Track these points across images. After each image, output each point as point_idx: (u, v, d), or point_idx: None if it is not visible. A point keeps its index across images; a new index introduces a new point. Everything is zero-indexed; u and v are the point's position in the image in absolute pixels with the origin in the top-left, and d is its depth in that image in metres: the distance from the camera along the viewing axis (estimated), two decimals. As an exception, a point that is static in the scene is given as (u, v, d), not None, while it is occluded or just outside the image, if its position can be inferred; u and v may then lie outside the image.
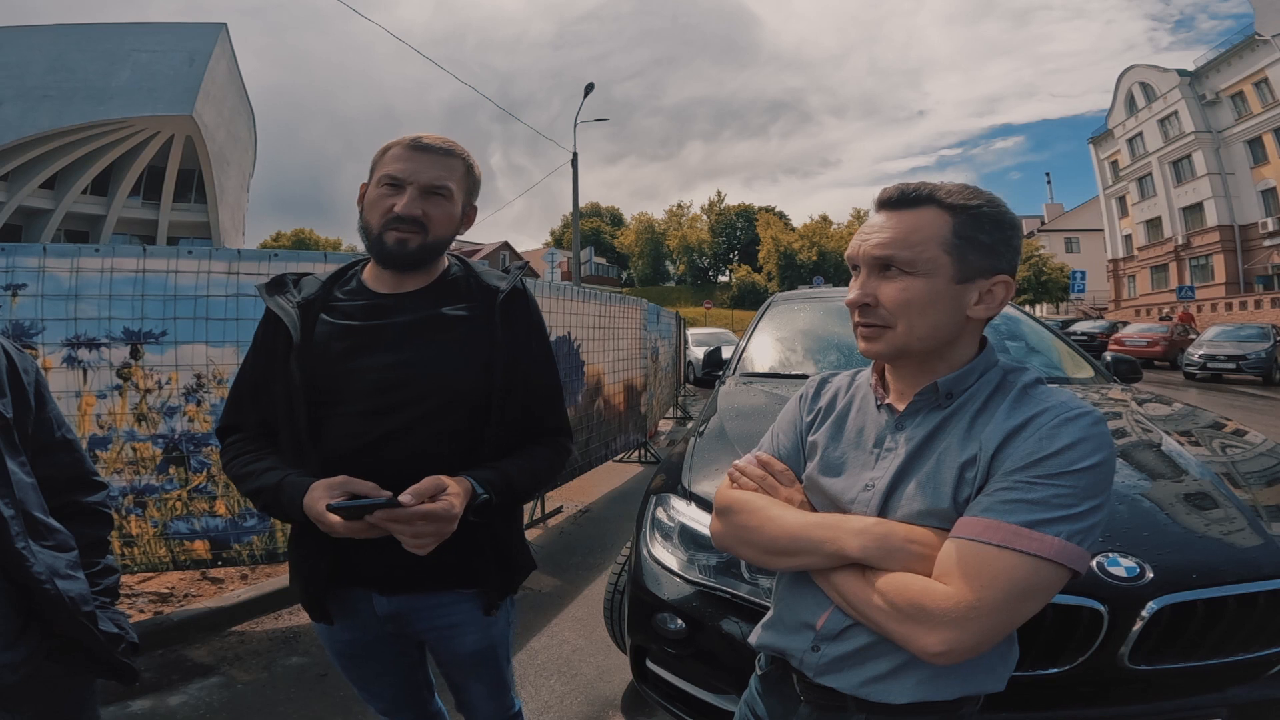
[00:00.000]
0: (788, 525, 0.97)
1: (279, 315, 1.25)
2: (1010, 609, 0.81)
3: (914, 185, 0.95)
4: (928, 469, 0.92)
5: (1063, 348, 3.41)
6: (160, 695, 2.57)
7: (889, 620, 0.85)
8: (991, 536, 0.82)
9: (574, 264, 19.82)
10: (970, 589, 0.81)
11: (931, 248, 0.92)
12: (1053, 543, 0.81)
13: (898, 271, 0.93)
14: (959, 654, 0.81)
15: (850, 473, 1.00)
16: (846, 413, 1.07)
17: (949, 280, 0.93)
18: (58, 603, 1.06)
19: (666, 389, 9.13)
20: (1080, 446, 0.85)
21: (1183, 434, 2.32)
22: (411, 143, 1.24)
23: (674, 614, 1.82)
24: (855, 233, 1.01)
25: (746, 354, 3.39)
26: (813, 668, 0.97)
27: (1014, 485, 0.85)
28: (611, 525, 4.87)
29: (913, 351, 0.96)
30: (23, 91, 23.18)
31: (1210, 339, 16.55)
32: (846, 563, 0.91)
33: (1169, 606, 1.43)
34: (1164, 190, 34.69)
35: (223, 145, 28.94)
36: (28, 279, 2.67)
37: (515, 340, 1.29)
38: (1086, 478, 0.84)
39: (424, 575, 1.25)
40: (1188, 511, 1.70)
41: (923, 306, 0.93)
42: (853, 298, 0.97)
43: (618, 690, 2.65)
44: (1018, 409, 0.91)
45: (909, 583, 0.85)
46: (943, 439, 0.94)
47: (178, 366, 2.85)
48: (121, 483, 2.83)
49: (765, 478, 1.07)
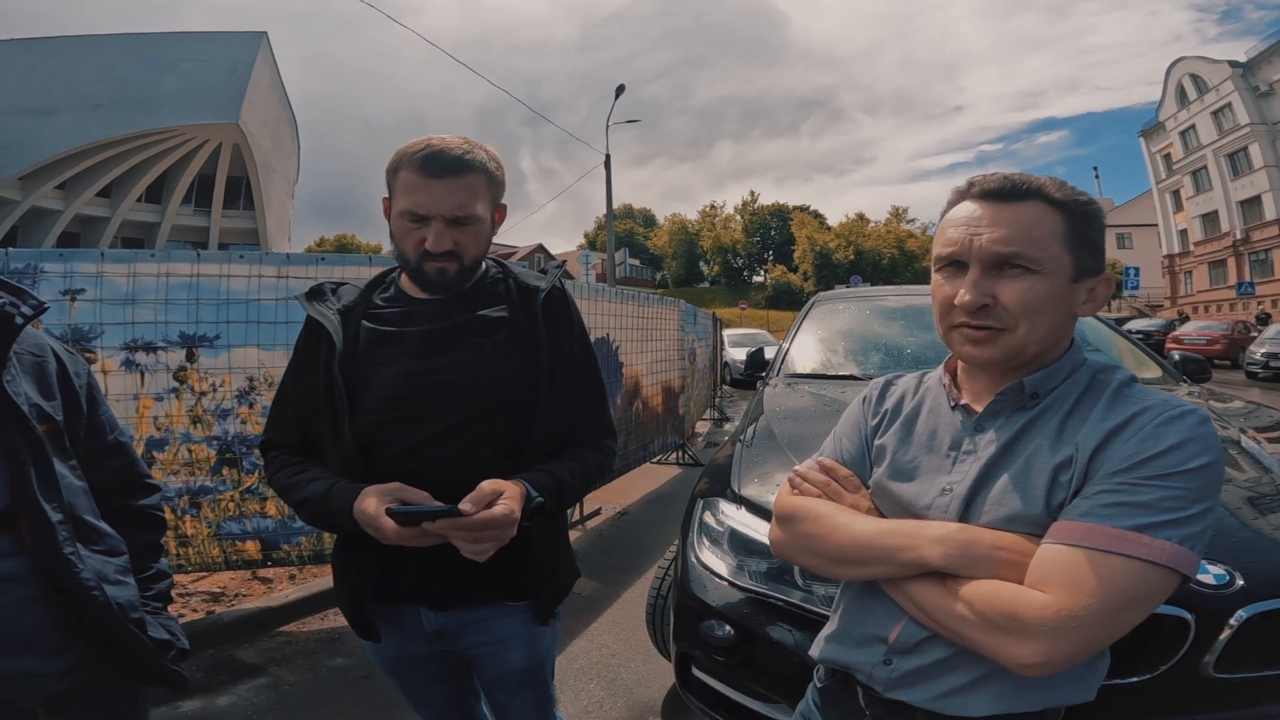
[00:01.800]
0: (857, 533, 0.92)
1: (321, 322, 1.25)
2: (1114, 618, 0.75)
3: (1018, 177, 0.90)
4: (1015, 472, 0.87)
5: (1125, 345, 3.28)
6: (210, 696, 2.62)
7: (976, 631, 0.79)
8: (1096, 541, 0.76)
9: (609, 265, 19.88)
10: (1071, 597, 0.75)
11: (1054, 245, 0.87)
12: (1164, 547, 0.75)
13: (1020, 270, 0.86)
14: (1055, 665, 0.76)
15: (924, 478, 0.94)
16: (916, 415, 1.01)
17: (1067, 279, 0.88)
18: (105, 610, 1.04)
19: (703, 390, 9.08)
20: (1188, 446, 0.79)
21: (1260, 431, 2.21)
22: (424, 162, 1.15)
23: (722, 620, 1.78)
24: (948, 225, 0.92)
25: (790, 354, 3.33)
26: (883, 682, 0.91)
27: (1117, 488, 0.79)
28: (650, 528, 4.84)
29: (1028, 356, 0.89)
30: (75, 101, 24.05)
31: (1272, 337, 15.83)
32: (924, 572, 0.85)
33: (1258, 615, 1.37)
34: (1220, 183, 33.44)
35: (268, 152, 29.75)
36: (86, 284, 2.74)
37: (557, 341, 1.27)
38: (1196, 479, 0.78)
39: (472, 589, 1.23)
40: (1274, 514, 1.61)
41: (1045, 308, 0.87)
42: (970, 298, 0.87)
43: (657, 696, 2.62)
44: (1115, 409, 0.85)
45: (999, 591, 0.79)
46: (1030, 441, 0.88)
47: (230, 369, 2.92)
48: (177, 484, 2.90)
49: (829, 483, 1.02)
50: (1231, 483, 1.75)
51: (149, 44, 25.92)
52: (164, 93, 25.08)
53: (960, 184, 0.96)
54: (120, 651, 1.09)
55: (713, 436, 8.84)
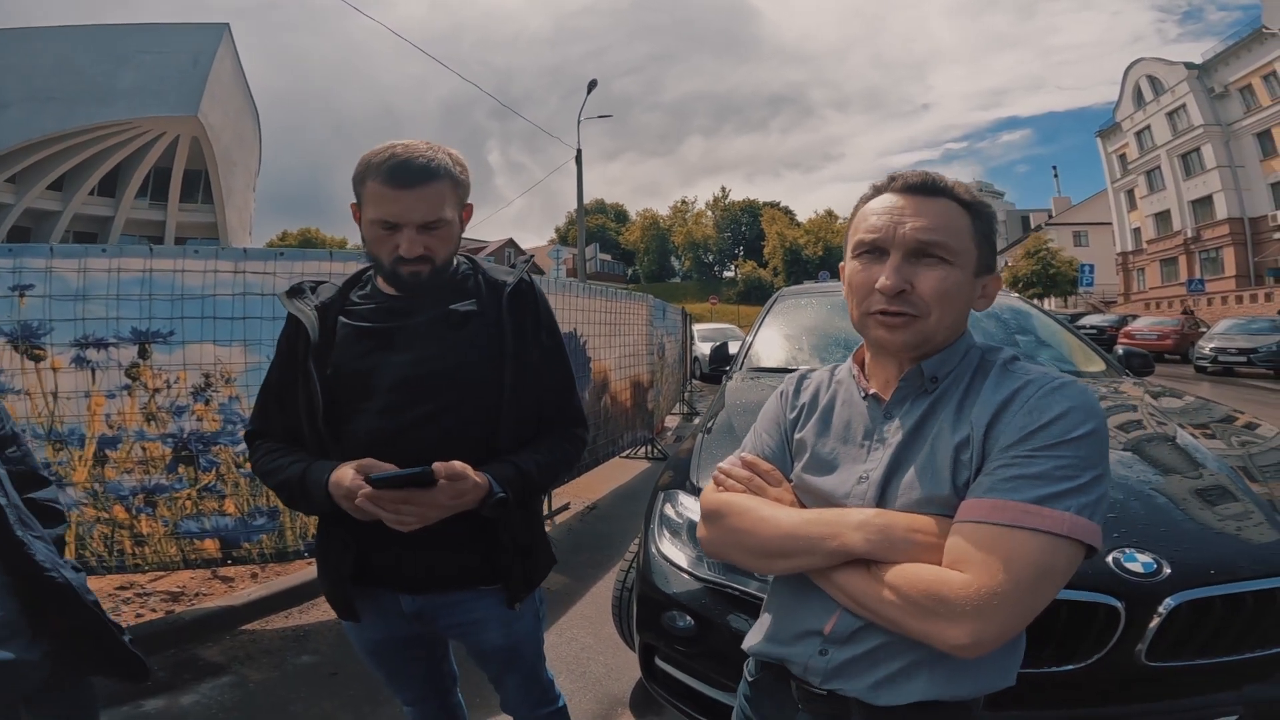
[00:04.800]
0: (782, 525, 0.94)
1: (298, 318, 1.29)
2: (1033, 592, 0.78)
3: (935, 175, 0.95)
4: (923, 456, 0.90)
5: (1073, 341, 3.38)
6: (173, 695, 2.58)
7: (906, 616, 0.81)
8: (1000, 517, 0.80)
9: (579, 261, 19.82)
10: (989, 574, 0.77)
11: (966, 239, 0.93)
12: (1064, 518, 0.78)
13: (937, 260, 0.91)
14: (987, 644, 0.77)
15: (842, 468, 0.97)
16: (831, 407, 1.04)
17: (972, 274, 0.94)
18: (65, 591, 1.03)
19: (673, 385, 9.11)
20: (1071, 415, 0.83)
21: (1197, 427, 2.30)
22: (390, 173, 1.18)
23: (683, 611, 1.81)
24: (870, 214, 0.96)
25: (754, 349, 3.37)
26: (820, 673, 0.93)
27: (1012, 461, 0.83)
28: (619, 522, 4.86)
29: (934, 343, 0.93)
30: (29, 94, 23.21)
31: (1221, 332, 16.41)
32: (849, 559, 0.87)
33: (1187, 603, 1.42)
34: (1173, 183, 34.47)
35: (228, 146, 29.00)
36: (35, 280, 2.67)
37: (524, 333, 1.32)
38: (1083, 446, 0.82)
39: (446, 574, 1.29)
40: (1205, 506, 1.68)
41: (954, 298, 0.91)
42: (890, 282, 0.90)
43: (626, 688, 2.65)
44: (1001, 385, 0.90)
45: (921, 574, 0.81)
46: (934, 424, 0.92)
47: (185, 366, 2.86)
48: (132, 482, 2.84)
49: (752, 478, 1.03)
50: (1165, 476, 1.81)
51: (106, 36, 25.06)
52: (121, 85, 24.29)
53: (879, 179, 1.00)
54: (87, 636, 1.08)
55: (682, 431, 8.87)
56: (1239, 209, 31.25)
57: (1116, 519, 1.58)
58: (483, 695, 2.05)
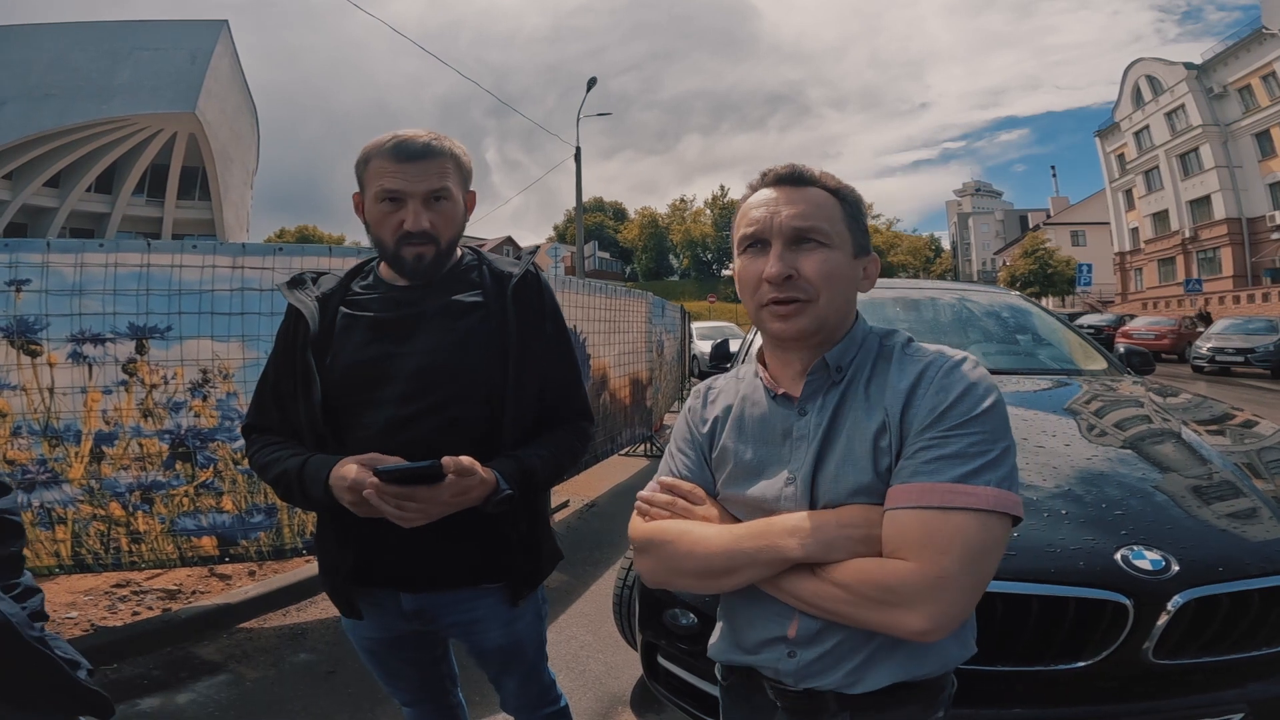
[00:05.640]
0: (716, 544, 0.92)
1: (298, 309, 1.28)
2: (977, 569, 0.80)
3: (802, 167, 0.98)
4: (842, 447, 0.91)
5: (1074, 339, 3.37)
6: (169, 693, 2.56)
7: (862, 611, 0.83)
8: (928, 500, 0.81)
9: (578, 258, 19.81)
10: (932, 559, 0.79)
11: (839, 223, 0.96)
12: (987, 493, 0.81)
13: (815, 244, 0.93)
14: (946, 627, 0.80)
15: (768, 471, 0.96)
16: (743, 413, 1.03)
17: (850, 255, 0.96)
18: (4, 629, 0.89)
19: (671, 383, 9.11)
20: (973, 392, 0.86)
21: (1201, 424, 2.29)
22: (394, 150, 1.20)
23: (685, 609, 1.80)
24: (749, 209, 0.98)
25: (755, 347, 3.35)
26: (792, 674, 0.93)
27: (929, 443, 0.85)
28: (618, 520, 4.85)
29: (828, 326, 0.95)
30: (26, 90, 23.16)
31: (1219, 332, 16.46)
32: (790, 565, 0.87)
33: (1194, 600, 1.41)
34: (1171, 183, 34.52)
35: (226, 143, 28.93)
36: (32, 274, 2.65)
37: (529, 325, 1.30)
38: (989, 420, 0.85)
39: (446, 571, 1.27)
40: (1211, 503, 1.67)
41: (838, 278, 0.94)
42: (775, 270, 0.92)
43: (626, 686, 2.64)
44: (904, 369, 0.92)
45: (868, 569, 0.83)
46: (848, 414, 0.93)
47: (183, 362, 2.84)
48: (128, 479, 2.82)
49: (674, 502, 1.02)
50: (1171, 474, 1.81)
51: (104, 33, 25.01)
52: (118, 82, 24.24)
53: (753, 178, 1.02)
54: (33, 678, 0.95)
55: (681, 430, 8.86)
56: (1237, 209, 31.32)
57: (1124, 516, 1.57)
58: (483, 694, 2.04)
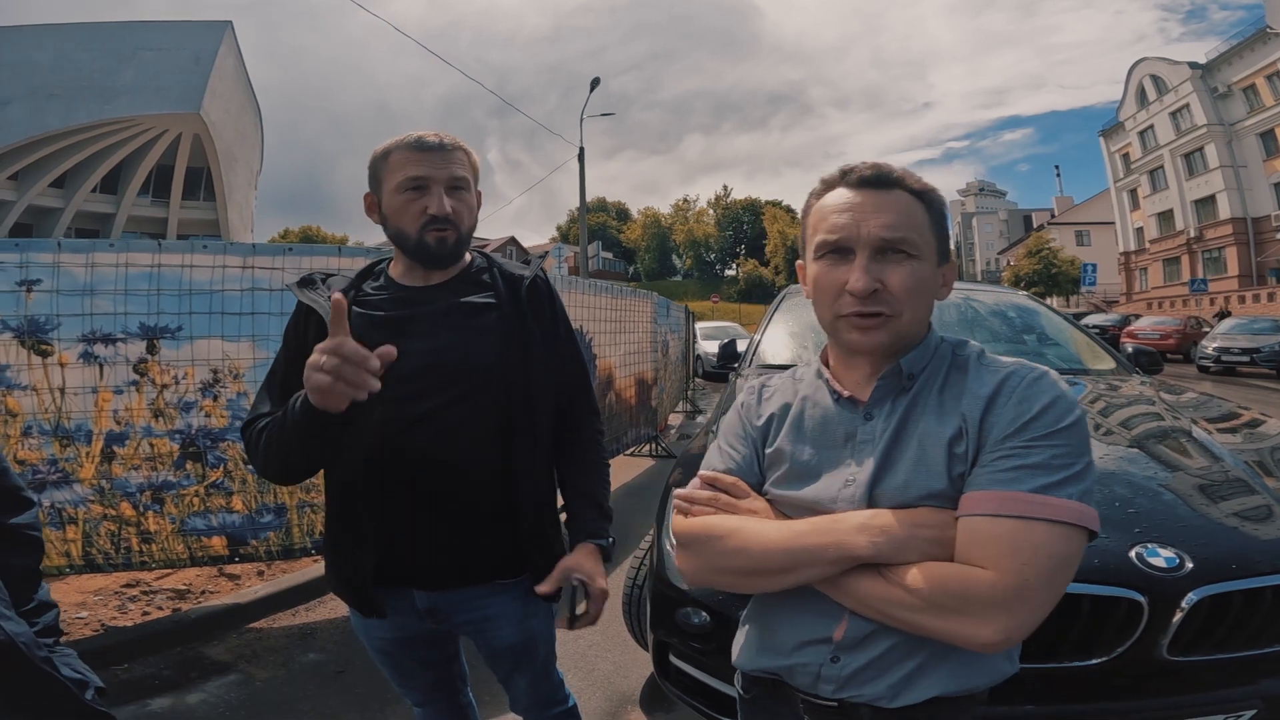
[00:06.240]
0: (773, 540, 0.89)
1: (312, 307, 1.27)
2: (1054, 582, 0.78)
3: (886, 167, 0.93)
4: (912, 452, 0.88)
5: (1081, 339, 3.37)
6: (179, 693, 2.57)
7: (928, 618, 0.79)
8: (1010, 508, 0.79)
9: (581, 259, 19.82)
10: (1011, 569, 0.76)
11: (927, 231, 0.91)
12: (1070, 506, 0.78)
13: (902, 255, 0.89)
14: (1016, 638, 0.77)
15: (826, 474, 0.93)
16: (802, 413, 0.99)
17: (934, 263, 0.93)
18: (9, 650, 0.88)
19: (676, 383, 9.11)
20: (1058, 404, 0.84)
21: (1210, 423, 2.29)
22: (416, 143, 1.25)
23: (698, 607, 1.80)
24: (830, 212, 0.92)
25: (762, 346, 3.36)
26: (834, 681, 0.89)
27: (1010, 452, 0.82)
28: (624, 520, 4.84)
29: (908, 340, 0.92)
30: (30, 90, 23.24)
31: (1224, 332, 16.41)
32: (855, 565, 0.84)
33: (1208, 598, 1.42)
34: (1176, 183, 34.44)
35: (230, 143, 29.01)
36: (43, 274, 2.66)
37: (542, 325, 1.33)
38: (1073, 435, 0.82)
39: (461, 568, 1.28)
40: (1223, 501, 1.68)
41: (923, 291, 0.91)
42: (862, 285, 0.87)
43: (635, 685, 2.64)
44: (982, 378, 0.89)
45: (943, 574, 0.79)
46: (918, 421, 0.90)
47: (194, 362, 2.84)
48: (139, 479, 2.83)
49: (717, 497, 0.98)
50: (1183, 471, 1.81)
51: (108, 33, 25.12)
52: (122, 82, 24.34)
53: (830, 173, 0.97)
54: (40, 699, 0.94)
55: (686, 429, 8.86)
56: (1242, 209, 31.23)
57: (1137, 514, 1.58)
58: (493, 693, 2.04)
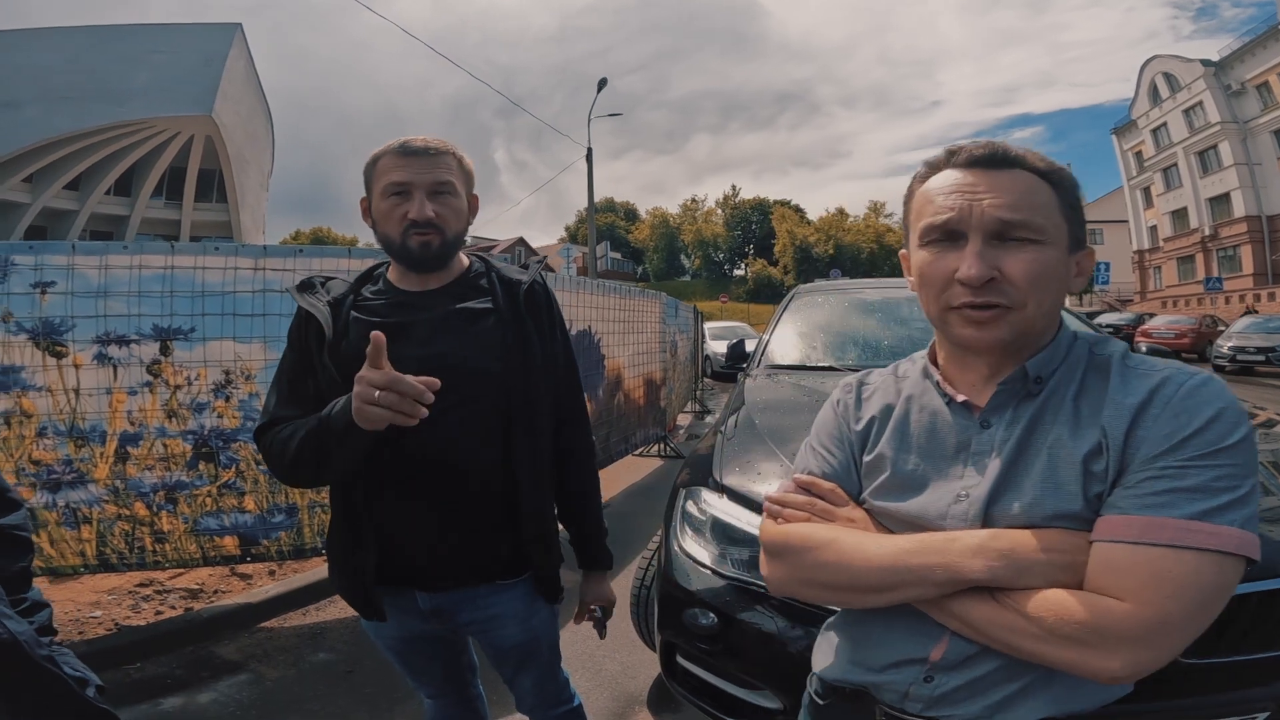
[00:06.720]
0: (875, 556, 0.81)
1: (311, 312, 1.28)
2: (1201, 616, 0.69)
3: (1003, 145, 0.82)
4: (1039, 467, 0.78)
5: (1095, 339, 3.34)
6: (190, 692, 2.59)
7: (1047, 647, 0.72)
8: (1159, 536, 0.69)
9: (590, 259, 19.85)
10: (1156, 603, 0.68)
11: (1055, 214, 0.80)
12: (1231, 534, 0.68)
13: (1024, 241, 0.78)
14: (1145, 672, 0.70)
15: (933, 486, 0.84)
16: (906, 417, 0.90)
17: (1065, 251, 0.81)
18: (13, 649, 0.87)
19: (684, 383, 9.10)
20: (1224, 418, 0.72)
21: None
22: (401, 148, 1.25)
23: (706, 608, 1.79)
24: (936, 194, 0.82)
25: (771, 346, 3.35)
26: (924, 700, 0.82)
27: (1162, 473, 0.71)
28: (632, 520, 4.85)
29: (1033, 338, 0.81)
30: (43, 93, 23.42)
31: (1239, 331, 16.24)
32: (966, 588, 0.76)
33: None
34: (1190, 181, 34.13)
35: (241, 145, 29.21)
36: (57, 276, 2.69)
37: (540, 330, 1.34)
38: (1240, 454, 0.71)
39: (463, 569, 1.29)
40: None
41: (1051, 281, 0.79)
42: (976, 271, 0.77)
43: (643, 686, 2.64)
44: (1129, 383, 0.78)
45: (1068, 604, 0.71)
46: (1047, 431, 0.79)
47: (206, 363, 2.87)
48: (153, 479, 2.86)
49: (813, 503, 0.90)
50: None
51: (119, 36, 25.32)
52: (134, 85, 24.51)
53: (936, 154, 0.87)
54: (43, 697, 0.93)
55: (694, 429, 8.85)
56: (1257, 206, 30.92)
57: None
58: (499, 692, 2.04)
